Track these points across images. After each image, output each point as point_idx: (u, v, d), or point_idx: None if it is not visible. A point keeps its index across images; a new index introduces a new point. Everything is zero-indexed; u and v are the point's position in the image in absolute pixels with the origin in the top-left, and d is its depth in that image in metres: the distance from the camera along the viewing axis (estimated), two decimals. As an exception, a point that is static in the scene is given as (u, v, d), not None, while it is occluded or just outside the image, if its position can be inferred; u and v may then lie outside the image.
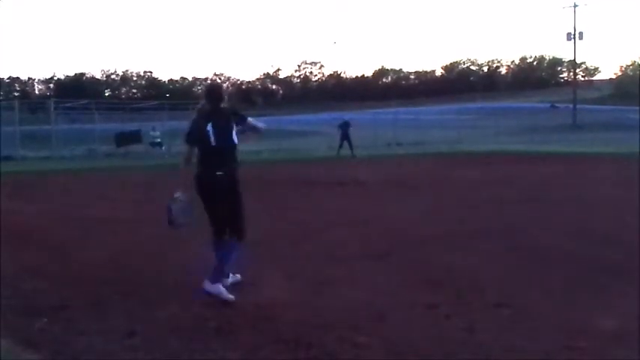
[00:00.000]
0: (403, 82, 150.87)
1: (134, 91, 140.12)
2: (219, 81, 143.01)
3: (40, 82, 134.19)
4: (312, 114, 68.21)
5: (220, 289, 4.87)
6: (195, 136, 4.99)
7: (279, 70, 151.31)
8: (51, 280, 5.61)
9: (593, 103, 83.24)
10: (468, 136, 42.97)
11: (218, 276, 4.94)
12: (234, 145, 5.04)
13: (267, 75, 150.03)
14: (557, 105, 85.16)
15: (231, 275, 5.28)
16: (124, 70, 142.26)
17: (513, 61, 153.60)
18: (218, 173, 4.96)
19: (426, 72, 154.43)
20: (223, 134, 4.97)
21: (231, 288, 5.03)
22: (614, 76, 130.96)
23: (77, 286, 5.44)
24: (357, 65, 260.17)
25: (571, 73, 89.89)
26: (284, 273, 5.78)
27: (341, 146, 26.93)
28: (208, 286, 4.87)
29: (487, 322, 4.31)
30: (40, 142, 29.26)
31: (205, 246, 5.25)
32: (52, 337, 4.15)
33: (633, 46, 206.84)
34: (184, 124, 5.08)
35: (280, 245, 7.20)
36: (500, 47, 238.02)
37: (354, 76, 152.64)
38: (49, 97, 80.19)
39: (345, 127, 27.35)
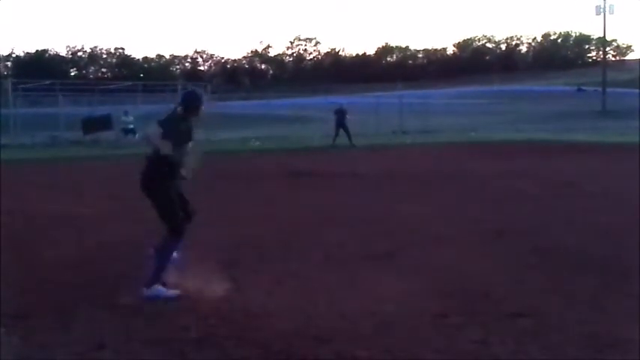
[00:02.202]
0: (410, 62, 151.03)
1: (104, 70, 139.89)
2: (200, 60, 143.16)
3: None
4: (305, 97, 68.14)
5: (158, 289, 5.16)
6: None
7: (268, 47, 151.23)
8: (9, 285, 5.59)
9: (624, 85, 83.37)
10: (483, 124, 43.03)
11: (154, 279, 5.21)
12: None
13: (255, 53, 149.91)
14: (584, 88, 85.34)
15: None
16: (92, 46, 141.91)
17: (535, 38, 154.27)
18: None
19: (436, 50, 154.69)
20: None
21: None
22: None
23: (39, 291, 5.43)
24: (357, 42, 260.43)
25: (600, 52, 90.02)
26: (274, 277, 5.78)
27: (337, 135, 26.89)
28: (146, 292, 5.14)
29: (503, 333, 4.32)
30: (-4, 128, 29.15)
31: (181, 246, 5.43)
32: (11, 349, 4.15)
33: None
34: (160, 108, 5.24)
35: (270, 246, 7.20)
36: (520, 23, 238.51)
37: (354, 55, 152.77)
38: (6, 76, 79.91)
39: (340, 114, 27.26)
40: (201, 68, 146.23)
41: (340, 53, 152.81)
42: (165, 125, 5.30)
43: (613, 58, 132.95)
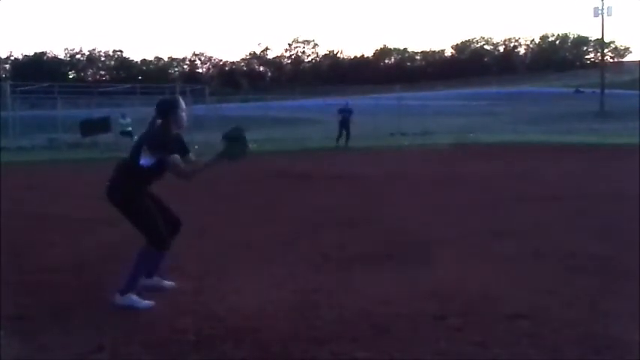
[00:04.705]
0: (408, 64, 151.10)
1: (102, 72, 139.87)
2: (198, 62, 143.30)
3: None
4: (304, 99, 68.20)
5: (132, 299, 5.00)
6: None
7: (267, 49, 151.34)
8: (7, 286, 5.59)
9: (623, 87, 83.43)
10: (481, 125, 43.05)
11: (129, 287, 5.04)
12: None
13: (253, 55, 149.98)
14: (582, 90, 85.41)
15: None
16: (90, 49, 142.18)
17: (533, 40, 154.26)
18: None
19: (434, 52, 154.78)
20: None
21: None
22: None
23: (38, 293, 5.43)
24: (355, 44, 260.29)
25: (598, 54, 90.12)
26: (272, 278, 5.78)
27: (341, 135, 27.01)
28: (118, 299, 5.00)
29: (502, 335, 4.32)
30: (-6, 131, 29.13)
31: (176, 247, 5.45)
32: (9, 351, 4.14)
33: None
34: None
35: (268, 247, 7.20)
36: (518, 24, 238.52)
37: (352, 57, 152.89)
38: (4, 79, 79.87)
39: (346, 113, 27.39)
40: (200, 70, 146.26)
41: (338, 55, 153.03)
42: (153, 139, 5.02)
43: (611, 60, 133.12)
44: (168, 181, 5.27)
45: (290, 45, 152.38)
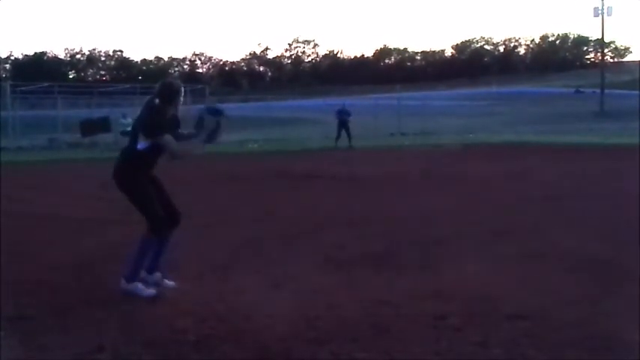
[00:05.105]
0: (408, 64, 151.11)
1: (102, 72, 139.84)
2: (198, 62, 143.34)
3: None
4: (304, 99, 68.25)
5: (137, 287, 5.22)
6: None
7: (267, 49, 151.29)
8: (7, 286, 5.58)
9: (623, 87, 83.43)
10: (481, 125, 43.05)
11: (133, 273, 5.26)
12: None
13: (253, 55, 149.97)
14: (582, 90, 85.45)
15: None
16: (90, 49, 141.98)
17: (533, 40, 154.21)
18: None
19: (434, 52, 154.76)
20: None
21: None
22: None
23: (38, 293, 5.42)
24: (355, 44, 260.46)
25: (598, 54, 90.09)
26: (272, 278, 5.78)
27: (339, 136, 27.03)
28: (124, 285, 5.24)
29: (502, 335, 4.32)
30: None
31: (178, 245, 5.50)
32: (9, 352, 4.14)
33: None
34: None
35: (268, 247, 7.20)
36: (518, 24, 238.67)
37: (352, 57, 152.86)
38: (5, 79, 79.87)
39: (344, 115, 27.48)
40: (200, 70, 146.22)
41: (339, 55, 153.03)
42: (147, 126, 5.17)
43: (611, 60, 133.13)
44: (169, 182, 5.27)
45: (290, 45, 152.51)
